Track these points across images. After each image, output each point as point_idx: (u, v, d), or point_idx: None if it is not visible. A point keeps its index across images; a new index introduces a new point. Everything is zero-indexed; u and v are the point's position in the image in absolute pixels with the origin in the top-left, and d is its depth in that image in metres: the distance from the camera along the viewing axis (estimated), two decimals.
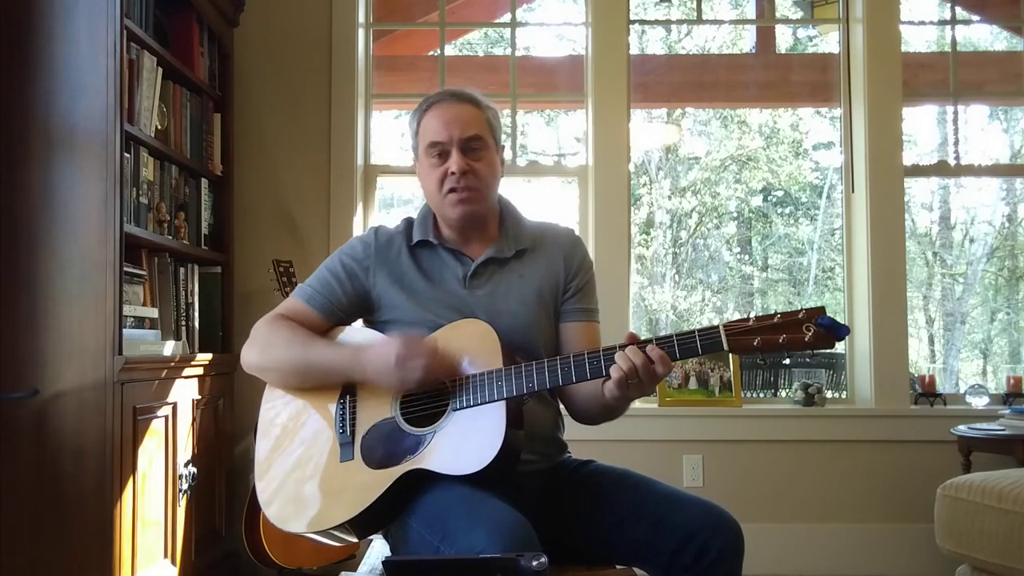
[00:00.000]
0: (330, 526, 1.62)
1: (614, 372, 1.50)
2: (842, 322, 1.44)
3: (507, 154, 2.86)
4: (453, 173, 1.70)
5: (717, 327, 1.47)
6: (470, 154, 1.72)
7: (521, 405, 1.59)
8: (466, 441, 1.55)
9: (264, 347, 1.73)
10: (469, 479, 1.52)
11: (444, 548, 1.45)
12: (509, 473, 1.55)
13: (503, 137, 1.84)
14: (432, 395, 1.62)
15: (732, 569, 1.54)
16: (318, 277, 1.79)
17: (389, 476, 1.58)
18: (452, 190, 1.71)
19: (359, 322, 1.83)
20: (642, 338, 1.52)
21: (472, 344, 1.62)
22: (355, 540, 1.71)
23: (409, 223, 1.83)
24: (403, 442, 1.59)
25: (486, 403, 1.56)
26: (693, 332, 1.49)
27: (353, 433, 1.65)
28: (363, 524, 1.63)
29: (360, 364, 1.64)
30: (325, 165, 3.51)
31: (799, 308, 1.47)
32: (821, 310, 1.46)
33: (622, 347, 1.51)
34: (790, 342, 1.45)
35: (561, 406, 1.82)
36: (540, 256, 1.81)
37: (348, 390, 1.69)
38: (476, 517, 1.44)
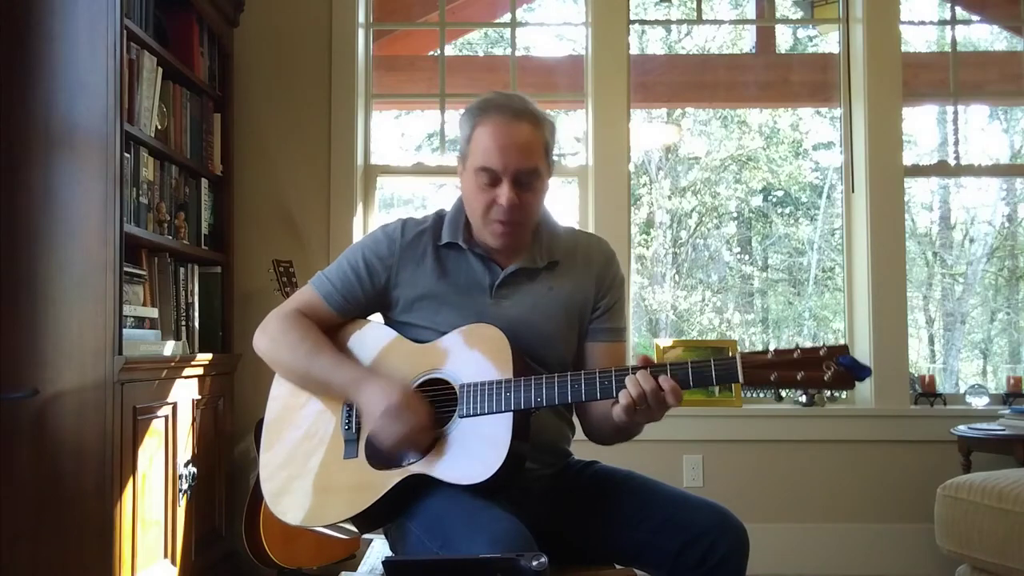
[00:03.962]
0: (328, 523, 1.63)
1: (622, 397, 1.47)
2: (864, 363, 1.40)
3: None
4: (501, 205, 1.61)
5: (734, 358, 1.44)
6: (522, 186, 1.62)
7: (529, 417, 1.57)
8: (469, 451, 1.54)
9: (273, 342, 1.71)
10: (470, 485, 1.51)
11: (444, 554, 1.45)
12: (513, 480, 1.54)
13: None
14: (439, 400, 1.61)
15: (737, 571, 1.53)
16: (338, 271, 1.74)
17: (390, 479, 1.57)
18: (497, 221, 1.63)
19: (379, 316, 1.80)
20: (656, 361, 1.49)
21: (483, 349, 1.60)
22: (357, 532, 1.70)
23: (440, 219, 1.75)
24: None
25: (492, 413, 1.54)
26: (708, 361, 1.46)
27: (358, 431, 1.64)
28: (363, 521, 1.63)
29: (356, 392, 1.61)
30: (325, 165, 3.51)
31: (820, 344, 1.42)
32: (844, 348, 1.41)
33: (634, 370, 1.48)
34: (808, 380, 1.41)
35: (575, 420, 1.80)
36: (572, 270, 1.75)
37: None
38: (476, 525, 1.44)
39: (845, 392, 3.76)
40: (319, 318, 1.73)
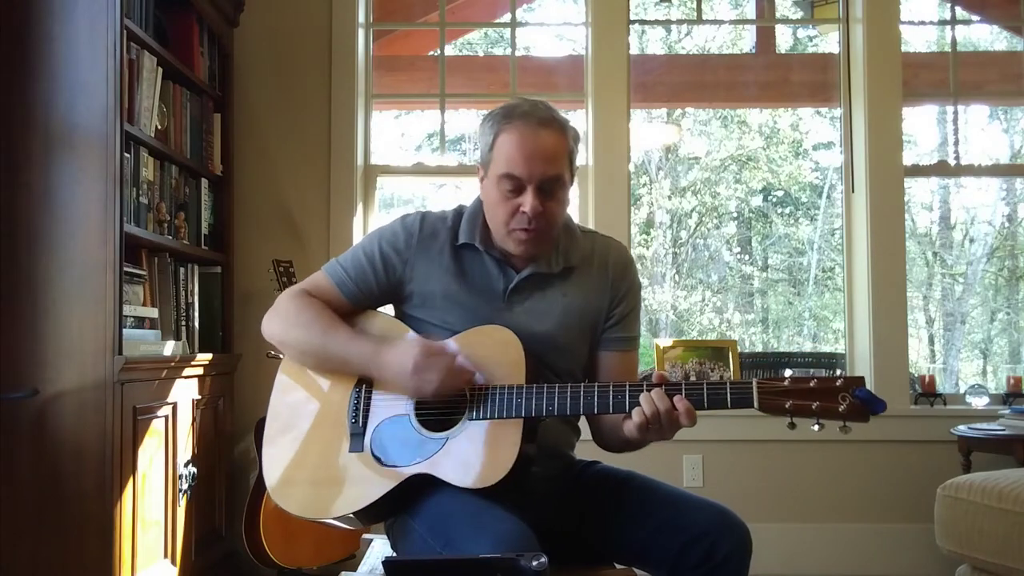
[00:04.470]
0: (331, 516, 1.62)
1: (635, 415, 1.47)
2: (879, 397, 1.41)
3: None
4: (524, 213, 1.59)
5: (750, 383, 1.45)
6: (546, 194, 1.60)
7: (538, 423, 1.56)
8: (477, 455, 1.53)
9: (286, 323, 1.69)
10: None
11: (446, 554, 1.45)
12: (516, 483, 1.53)
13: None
14: (448, 401, 1.60)
15: (739, 571, 1.53)
16: (353, 260, 1.72)
17: (396, 476, 1.57)
18: (520, 229, 1.61)
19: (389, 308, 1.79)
20: (671, 380, 1.49)
21: (495, 352, 1.59)
22: (360, 524, 1.70)
23: (459, 217, 1.72)
24: (413, 443, 1.58)
25: (502, 419, 1.53)
26: (724, 384, 1.47)
27: (365, 424, 1.63)
28: (366, 515, 1.63)
29: (377, 363, 1.60)
30: (325, 165, 3.51)
31: (838, 374, 1.43)
32: (860, 380, 1.42)
33: (649, 387, 1.48)
34: (822, 411, 1.42)
35: (581, 425, 1.79)
36: (587, 277, 1.72)
37: (365, 379, 1.66)
38: (479, 526, 1.44)
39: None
40: (330, 306, 1.71)
